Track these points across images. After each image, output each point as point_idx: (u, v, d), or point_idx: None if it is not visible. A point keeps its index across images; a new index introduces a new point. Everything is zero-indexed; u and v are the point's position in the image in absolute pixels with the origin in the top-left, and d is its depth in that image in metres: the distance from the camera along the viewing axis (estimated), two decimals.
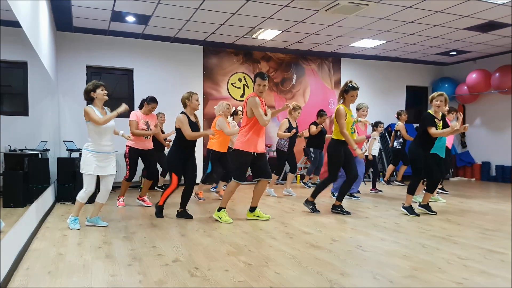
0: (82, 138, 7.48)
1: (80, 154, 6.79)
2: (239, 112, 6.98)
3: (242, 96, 9.03)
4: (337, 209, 5.26)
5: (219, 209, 4.76)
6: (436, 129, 4.92)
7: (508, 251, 3.53)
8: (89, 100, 4.36)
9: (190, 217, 4.89)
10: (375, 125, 7.60)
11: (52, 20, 6.60)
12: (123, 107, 4.39)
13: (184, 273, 2.92)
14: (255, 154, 4.66)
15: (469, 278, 2.83)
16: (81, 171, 4.25)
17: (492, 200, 6.61)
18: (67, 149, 6.74)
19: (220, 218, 4.71)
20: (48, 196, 5.33)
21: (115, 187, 5.43)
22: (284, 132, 6.63)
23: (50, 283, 2.74)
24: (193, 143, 4.90)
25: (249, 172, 7.40)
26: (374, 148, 7.30)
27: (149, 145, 5.74)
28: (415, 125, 9.38)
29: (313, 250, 3.53)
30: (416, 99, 10.96)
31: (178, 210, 4.96)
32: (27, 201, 3.87)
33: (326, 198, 6.40)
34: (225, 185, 7.03)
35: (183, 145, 4.81)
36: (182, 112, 4.89)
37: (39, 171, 4.77)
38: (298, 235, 4.09)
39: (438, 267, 3.06)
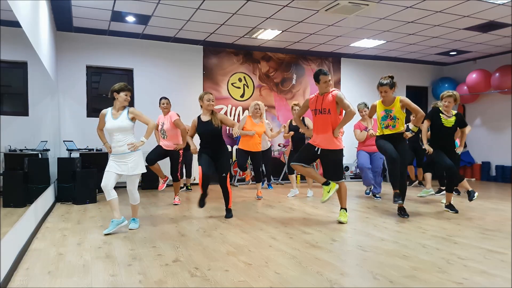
0: (82, 138, 7.55)
1: (80, 154, 6.86)
2: (295, 108, 6.74)
3: (242, 96, 9.04)
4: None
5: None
6: (435, 125, 5.24)
7: (508, 251, 3.53)
8: (112, 99, 4.29)
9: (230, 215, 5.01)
10: None
11: (52, 20, 6.60)
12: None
13: (184, 273, 2.92)
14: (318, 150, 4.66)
15: (469, 278, 2.83)
16: None
17: (492, 200, 6.60)
18: (67, 149, 6.75)
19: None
20: (48, 196, 5.33)
21: (121, 187, 5.30)
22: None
23: (50, 283, 2.74)
24: (210, 141, 4.91)
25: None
26: None
27: (167, 144, 5.87)
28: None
29: (313, 250, 3.53)
30: (416, 99, 10.92)
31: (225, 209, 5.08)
32: (27, 201, 3.87)
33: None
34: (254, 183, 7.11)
35: (201, 144, 4.99)
36: (198, 116, 5.00)
37: (39, 171, 4.77)
38: (298, 235, 4.08)
39: (438, 267, 3.06)
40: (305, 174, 4.80)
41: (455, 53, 9.26)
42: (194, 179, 8.11)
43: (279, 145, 9.10)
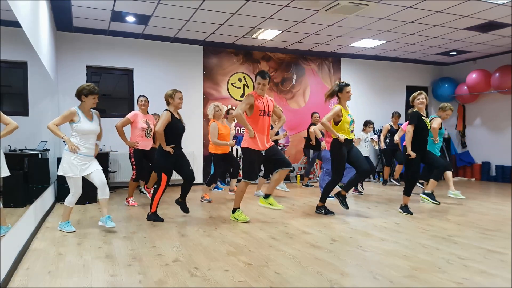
0: None
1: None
2: (231, 111, 6.97)
3: (242, 96, 9.03)
4: (321, 210, 5.26)
5: (234, 210, 4.78)
6: (420, 128, 5.19)
7: (508, 251, 3.53)
8: (80, 100, 4.20)
9: (187, 211, 4.96)
10: (364, 124, 7.59)
11: (52, 20, 6.60)
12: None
13: (184, 273, 2.92)
14: (263, 153, 4.68)
15: (469, 278, 2.83)
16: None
17: (492, 200, 6.60)
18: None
19: (237, 219, 4.72)
20: (48, 196, 5.33)
21: (119, 187, 5.38)
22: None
23: (50, 283, 2.74)
24: (179, 141, 4.81)
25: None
26: (362, 148, 7.30)
27: (149, 144, 5.80)
28: None
29: (313, 250, 3.53)
30: None
31: (178, 199, 4.97)
32: (27, 201, 3.87)
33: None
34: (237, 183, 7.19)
35: (171, 143, 4.69)
36: (166, 109, 4.76)
37: (39, 171, 4.77)
38: (298, 235, 4.08)
39: (438, 267, 3.06)
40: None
41: (455, 53, 9.26)
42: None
43: (279, 145, 9.09)
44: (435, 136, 5.80)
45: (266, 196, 4.80)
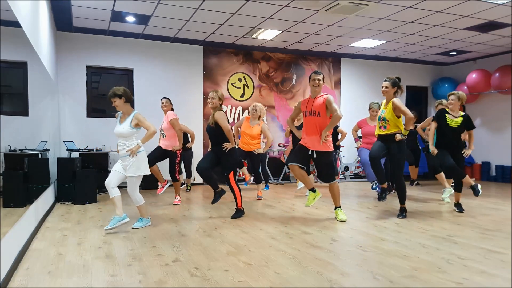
0: (82, 138, 7.56)
1: (80, 154, 6.87)
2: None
3: (242, 96, 9.03)
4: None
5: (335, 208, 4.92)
6: (440, 125, 5.28)
7: (508, 251, 3.53)
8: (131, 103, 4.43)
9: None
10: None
11: (52, 20, 6.60)
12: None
13: (184, 273, 2.92)
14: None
15: (469, 278, 2.83)
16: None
17: (492, 200, 6.60)
18: (67, 149, 6.75)
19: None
20: (48, 196, 5.33)
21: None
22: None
23: (50, 283, 2.74)
24: (213, 141, 5.03)
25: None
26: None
27: (166, 144, 5.90)
28: (417, 125, 9.37)
29: (313, 250, 3.53)
30: (416, 99, 10.95)
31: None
32: (27, 201, 3.86)
33: (326, 198, 6.40)
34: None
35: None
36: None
37: (39, 171, 4.77)
38: (298, 235, 4.09)
39: (438, 267, 3.06)
40: (298, 176, 4.81)
41: (455, 53, 9.26)
42: (194, 179, 8.10)
43: (279, 145, 9.10)
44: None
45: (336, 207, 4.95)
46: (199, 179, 8.47)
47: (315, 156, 4.66)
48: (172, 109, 6.05)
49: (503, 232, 4.28)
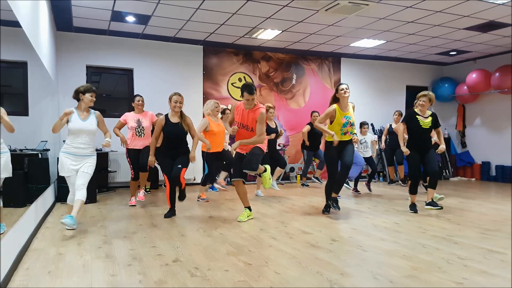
0: None
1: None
2: (227, 111, 6.89)
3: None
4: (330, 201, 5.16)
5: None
6: (413, 127, 5.33)
7: (508, 251, 3.53)
8: (77, 100, 4.33)
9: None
10: (360, 126, 7.49)
11: (52, 20, 6.60)
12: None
13: (184, 273, 2.92)
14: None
15: (469, 278, 2.83)
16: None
17: (492, 200, 6.60)
18: None
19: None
20: (48, 196, 5.33)
21: (119, 187, 5.38)
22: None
23: (50, 283, 2.74)
24: (176, 145, 4.92)
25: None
26: (359, 150, 7.27)
27: (144, 143, 5.81)
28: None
29: (313, 250, 3.53)
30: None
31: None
32: (27, 201, 3.87)
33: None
34: (227, 176, 7.29)
35: (165, 144, 4.98)
36: (165, 114, 4.96)
37: (39, 171, 4.77)
38: (298, 235, 4.09)
39: (438, 267, 3.06)
40: (239, 193, 4.79)
41: (455, 53, 9.26)
42: (194, 179, 8.12)
43: (279, 145, 9.09)
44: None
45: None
46: (199, 179, 8.46)
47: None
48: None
49: (503, 232, 4.28)
